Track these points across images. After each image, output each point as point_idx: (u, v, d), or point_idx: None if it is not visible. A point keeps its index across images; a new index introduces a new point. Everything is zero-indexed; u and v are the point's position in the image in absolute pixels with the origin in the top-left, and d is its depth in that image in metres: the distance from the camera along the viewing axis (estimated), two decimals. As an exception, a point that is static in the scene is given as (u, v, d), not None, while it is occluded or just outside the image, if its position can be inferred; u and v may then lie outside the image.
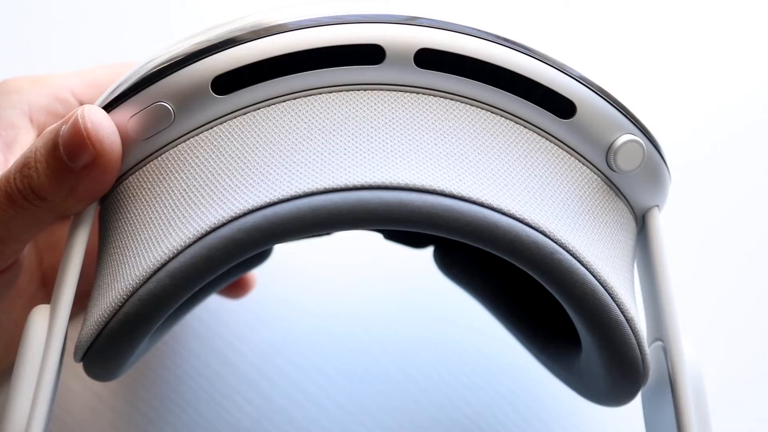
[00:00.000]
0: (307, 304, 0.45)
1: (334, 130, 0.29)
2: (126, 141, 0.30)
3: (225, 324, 0.44)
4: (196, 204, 0.29)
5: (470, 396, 0.44)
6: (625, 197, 0.33)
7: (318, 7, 0.30)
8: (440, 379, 0.44)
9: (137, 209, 0.30)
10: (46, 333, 0.29)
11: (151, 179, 0.30)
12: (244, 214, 0.28)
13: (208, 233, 0.28)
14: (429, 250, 0.42)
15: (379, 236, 0.42)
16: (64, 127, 0.30)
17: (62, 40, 0.53)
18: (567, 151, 0.31)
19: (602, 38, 0.55)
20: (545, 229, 0.29)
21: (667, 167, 0.33)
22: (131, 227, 0.30)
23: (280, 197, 0.28)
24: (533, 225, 0.28)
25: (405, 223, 0.28)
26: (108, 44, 0.53)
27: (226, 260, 0.28)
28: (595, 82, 0.31)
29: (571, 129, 0.31)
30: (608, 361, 0.31)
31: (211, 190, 0.29)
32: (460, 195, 0.28)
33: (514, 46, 0.30)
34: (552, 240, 0.29)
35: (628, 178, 0.32)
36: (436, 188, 0.28)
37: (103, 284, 0.30)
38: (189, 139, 0.30)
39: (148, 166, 0.31)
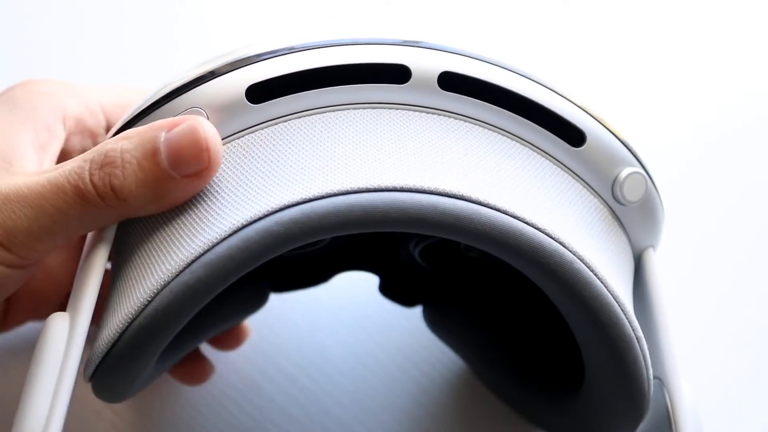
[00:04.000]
0: (307, 303, 0.45)
1: (364, 139, 0.30)
2: None
3: (226, 324, 0.44)
4: (229, 203, 0.29)
5: (471, 394, 0.44)
6: (626, 232, 0.34)
7: (348, 31, 0.32)
8: (441, 378, 0.44)
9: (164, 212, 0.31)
10: (66, 338, 0.29)
11: None
12: (282, 209, 0.28)
13: (244, 226, 0.28)
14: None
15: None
16: (165, 134, 0.30)
17: (62, 42, 0.53)
18: (576, 179, 0.32)
19: (602, 38, 0.55)
20: (564, 241, 0.29)
21: (662, 204, 0.34)
22: (157, 229, 0.30)
23: (317, 194, 0.28)
24: (553, 235, 0.29)
25: (434, 226, 0.28)
26: (107, 47, 0.53)
27: (262, 253, 0.28)
28: (603, 116, 0.33)
29: (581, 158, 0.32)
30: (616, 380, 0.31)
31: (245, 189, 0.29)
32: (486, 203, 0.29)
33: (530, 77, 0.32)
34: (570, 251, 0.29)
35: (630, 211, 0.33)
36: (465, 195, 0.29)
37: (126, 288, 0.30)
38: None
39: None
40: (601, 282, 0.30)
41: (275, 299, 0.44)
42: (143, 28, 0.53)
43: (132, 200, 0.30)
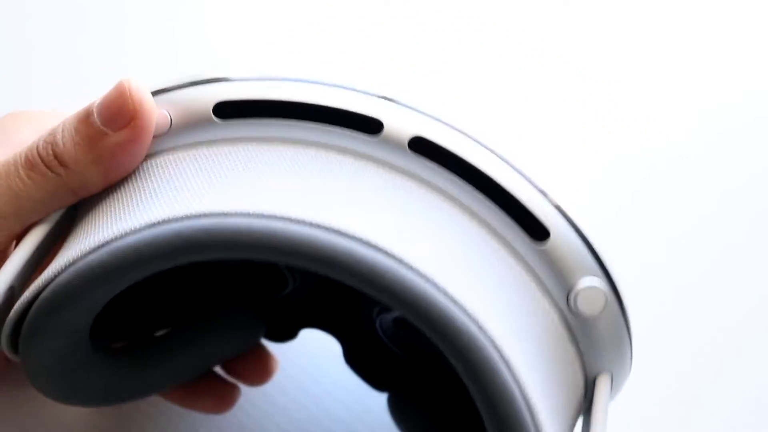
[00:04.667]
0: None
1: (313, 182, 0.30)
2: None
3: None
4: (158, 200, 0.30)
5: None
6: (577, 346, 0.31)
7: (335, 70, 0.32)
8: (442, 378, 0.44)
9: (107, 197, 0.31)
10: None
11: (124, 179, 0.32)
12: (199, 216, 0.28)
13: (157, 224, 0.28)
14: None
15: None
16: (98, 100, 0.31)
17: (62, 42, 0.53)
18: (530, 275, 0.30)
19: (602, 38, 0.55)
20: (490, 332, 0.27)
21: (627, 327, 0.31)
22: (89, 212, 0.31)
23: (231, 211, 0.28)
24: (476, 318, 0.27)
25: (343, 272, 0.27)
26: (107, 47, 0.53)
27: (170, 251, 0.28)
28: (575, 218, 0.30)
29: (540, 256, 0.30)
30: None
31: (175, 192, 0.30)
32: (403, 260, 0.27)
33: (505, 159, 0.31)
34: (493, 343, 0.27)
35: (584, 325, 0.31)
36: (382, 247, 0.27)
37: (51, 263, 0.31)
38: (175, 153, 0.32)
39: None
40: (517, 383, 0.27)
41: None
42: (143, 28, 0.53)
43: (74, 165, 0.31)
